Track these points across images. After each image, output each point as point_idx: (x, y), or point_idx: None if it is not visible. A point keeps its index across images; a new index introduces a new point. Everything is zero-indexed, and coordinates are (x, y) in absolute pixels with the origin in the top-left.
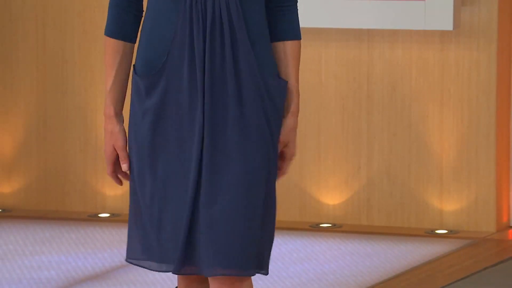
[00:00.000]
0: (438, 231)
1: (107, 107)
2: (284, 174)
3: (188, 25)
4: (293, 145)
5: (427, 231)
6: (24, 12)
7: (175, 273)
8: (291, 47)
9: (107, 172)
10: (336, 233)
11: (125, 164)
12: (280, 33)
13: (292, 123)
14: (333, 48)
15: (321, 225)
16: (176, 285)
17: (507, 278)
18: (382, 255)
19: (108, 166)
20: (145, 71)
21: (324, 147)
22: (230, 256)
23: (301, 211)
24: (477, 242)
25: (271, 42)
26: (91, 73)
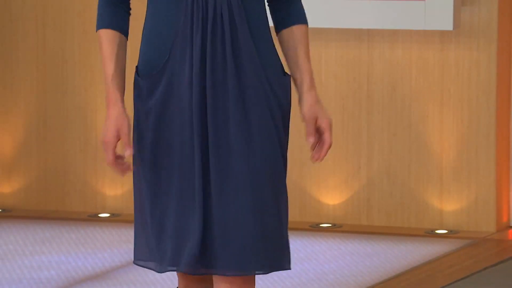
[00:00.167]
0: (438, 231)
1: (111, 92)
2: (319, 160)
3: (189, 24)
4: (326, 123)
5: (427, 231)
6: (24, 12)
7: (189, 273)
8: (299, 31)
9: (107, 161)
10: (336, 233)
11: (128, 150)
12: (286, 20)
13: (311, 97)
14: (333, 48)
15: (321, 225)
16: (177, 286)
17: (507, 278)
18: (382, 255)
19: (108, 154)
20: (147, 71)
21: None
22: (245, 257)
23: (301, 211)
24: (477, 242)
25: (279, 31)
26: (91, 73)
